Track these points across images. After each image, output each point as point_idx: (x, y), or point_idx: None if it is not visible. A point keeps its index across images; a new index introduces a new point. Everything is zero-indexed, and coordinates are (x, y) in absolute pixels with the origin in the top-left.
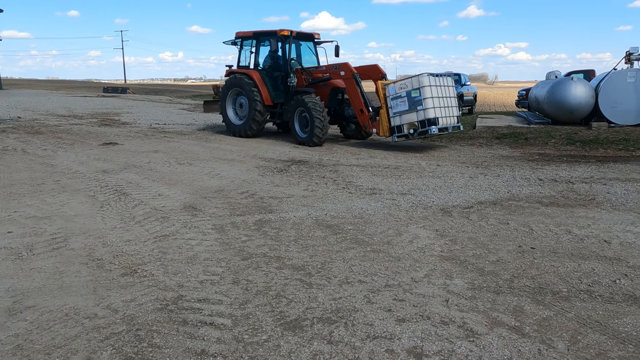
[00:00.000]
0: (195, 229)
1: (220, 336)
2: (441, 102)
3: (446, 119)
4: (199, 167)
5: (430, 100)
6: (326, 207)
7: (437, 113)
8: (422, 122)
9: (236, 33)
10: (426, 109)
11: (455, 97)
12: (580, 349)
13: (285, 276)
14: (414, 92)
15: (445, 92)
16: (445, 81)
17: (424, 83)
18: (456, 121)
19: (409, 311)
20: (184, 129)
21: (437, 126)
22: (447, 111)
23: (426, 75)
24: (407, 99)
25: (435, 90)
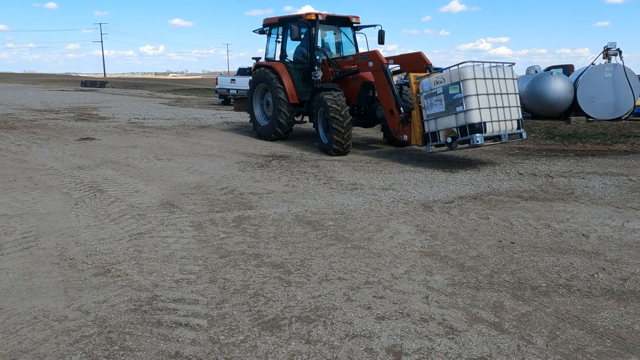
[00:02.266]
0: (173, 226)
1: (195, 337)
2: (492, 101)
3: (499, 124)
4: (178, 162)
5: (475, 98)
6: (307, 203)
7: (485, 116)
8: (463, 128)
9: (264, 20)
10: (468, 111)
11: (516, 94)
12: (559, 345)
13: (263, 274)
14: (453, 88)
15: (500, 88)
16: (500, 73)
17: (465, 76)
18: (516, 126)
19: (388, 308)
20: (164, 123)
21: (484, 134)
22: (501, 113)
23: (470, 66)
24: (444, 98)
25: (482, 85)
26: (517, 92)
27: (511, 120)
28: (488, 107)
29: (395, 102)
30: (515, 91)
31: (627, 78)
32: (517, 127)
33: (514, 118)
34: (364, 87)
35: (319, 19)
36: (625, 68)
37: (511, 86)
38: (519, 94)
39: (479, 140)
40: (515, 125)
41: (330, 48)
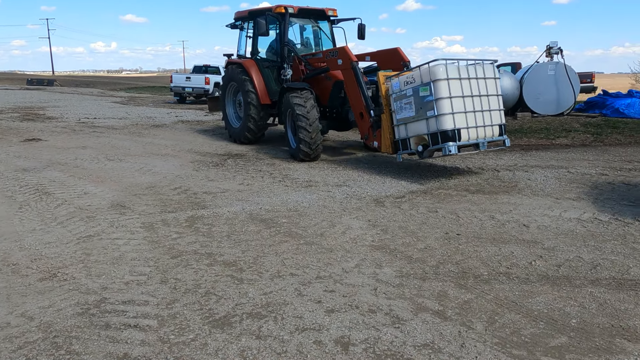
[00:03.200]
0: (123, 228)
1: (144, 338)
2: (469, 104)
3: (477, 130)
4: (130, 163)
5: (447, 102)
6: (261, 201)
7: (459, 122)
8: (434, 136)
9: (235, 13)
10: (440, 116)
11: (498, 95)
12: (497, 329)
13: (215, 273)
14: (423, 90)
15: (478, 89)
16: (479, 72)
17: (437, 76)
18: (498, 132)
19: (338, 301)
20: (116, 123)
21: (458, 142)
22: (479, 118)
23: (442, 64)
24: (414, 100)
25: (457, 86)
26: (499, 93)
27: (491, 125)
28: (464, 112)
29: (365, 105)
30: (497, 92)
31: (568, 75)
32: (499, 133)
33: (495, 123)
34: (336, 86)
35: (288, 11)
36: (566, 66)
37: (492, 87)
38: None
39: (452, 150)
40: (497, 132)
41: (307, 44)
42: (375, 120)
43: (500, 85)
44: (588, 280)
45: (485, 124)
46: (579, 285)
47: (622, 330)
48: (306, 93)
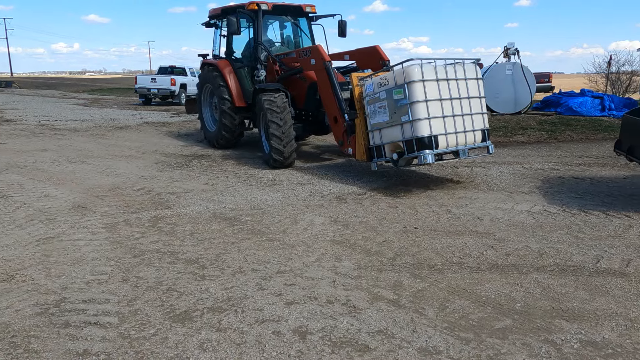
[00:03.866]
0: (84, 229)
1: (104, 335)
2: (447, 108)
3: (457, 136)
4: (92, 165)
5: (423, 106)
6: (225, 200)
7: (437, 128)
8: (410, 143)
9: (209, 11)
10: (415, 122)
11: (480, 97)
12: (447, 314)
13: (177, 270)
14: (397, 93)
15: (458, 91)
16: (459, 72)
17: (411, 77)
18: (481, 138)
19: (297, 294)
20: (78, 125)
21: (434, 150)
22: (459, 123)
23: (417, 64)
24: (388, 104)
25: (434, 88)
26: (482, 95)
27: (473, 131)
28: (441, 116)
29: (339, 108)
30: (480, 94)
31: (525, 75)
32: (482, 138)
33: (477, 128)
34: (312, 88)
35: (261, 8)
36: (522, 66)
37: (474, 88)
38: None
39: (429, 159)
40: (479, 137)
41: (287, 42)
42: (349, 125)
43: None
44: (534, 268)
45: (466, 129)
46: (525, 272)
47: (561, 312)
48: (279, 95)
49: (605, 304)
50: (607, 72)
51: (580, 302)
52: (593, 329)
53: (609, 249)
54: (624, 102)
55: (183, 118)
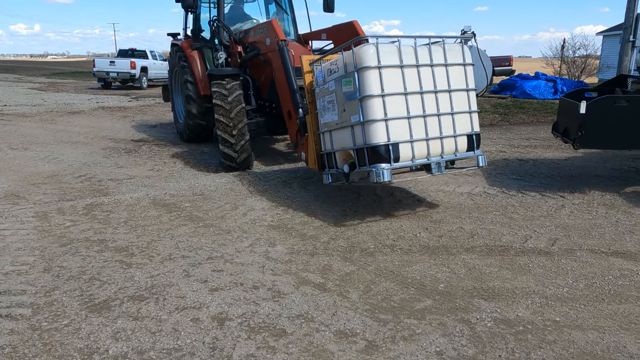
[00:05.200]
0: (13, 218)
1: (14, 327)
2: (415, 104)
3: (428, 145)
4: (35, 151)
5: (379, 102)
6: (167, 186)
7: (398, 132)
8: (361, 152)
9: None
10: (367, 124)
11: (468, 89)
12: (370, 296)
13: (104, 259)
14: (346, 83)
15: (433, 81)
16: (436, 55)
17: (363, 62)
18: (466, 146)
19: (224, 280)
20: (28, 110)
21: (393, 164)
22: (433, 126)
23: (372, 45)
24: (337, 98)
25: (396, 77)
26: (470, 86)
27: (454, 136)
28: (406, 117)
29: (292, 100)
30: (467, 85)
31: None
32: (469, 147)
33: (460, 132)
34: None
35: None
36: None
37: (458, 78)
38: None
39: (384, 176)
40: (464, 145)
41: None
42: (302, 122)
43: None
44: (463, 249)
45: (444, 133)
46: (455, 253)
47: (482, 291)
48: (231, 82)
49: (525, 282)
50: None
51: (501, 281)
52: (509, 307)
53: (539, 229)
54: (575, 85)
55: (141, 102)
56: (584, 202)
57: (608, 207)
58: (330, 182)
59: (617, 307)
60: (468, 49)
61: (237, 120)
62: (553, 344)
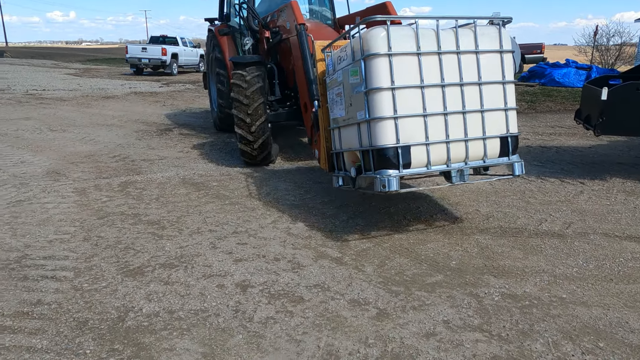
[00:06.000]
0: (55, 193)
1: (59, 287)
2: (435, 100)
3: (448, 148)
4: (73, 133)
5: (387, 96)
6: (196, 167)
7: (410, 133)
8: (367, 155)
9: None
10: (373, 122)
11: (505, 82)
12: (384, 270)
13: (138, 231)
14: (353, 74)
15: (459, 72)
16: (462, 40)
17: (371, 48)
18: (498, 151)
19: (247, 252)
20: (65, 95)
21: (402, 170)
22: (455, 126)
23: (382, 28)
24: (344, 90)
25: (411, 67)
26: (508, 78)
27: (484, 139)
28: (422, 114)
29: (308, 91)
30: (504, 77)
31: None
32: (502, 151)
33: (492, 134)
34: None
35: None
36: None
37: (493, 67)
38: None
39: (391, 185)
40: (495, 149)
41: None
42: (315, 116)
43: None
44: (478, 230)
45: (470, 135)
46: (469, 234)
47: (492, 269)
48: (252, 72)
49: (535, 262)
50: (593, 43)
51: (512, 260)
52: (517, 284)
53: (555, 213)
54: (607, 73)
55: (172, 88)
56: (604, 188)
57: (628, 194)
58: (340, 186)
59: (624, 287)
60: (507, 33)
61: (256, 117)
62: (557, 318)
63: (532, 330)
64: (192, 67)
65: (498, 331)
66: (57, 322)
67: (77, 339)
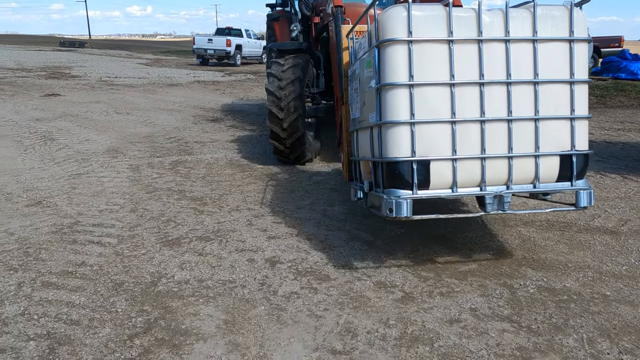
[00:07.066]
0: (111, 168)
1: (102, 251)
2: (471, 102)
3: (483, 165)
4: (135, 116)
5: (403, 95)
6: (244, 150)
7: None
8: (377, 168)
9: None
10: (385, 127)
11: (573, 82)
12: (417, 256)
13: (181, 205)
14: (368, 64)
15: (504, 66)
16: (513, 24)
17: (388, 31)
18: (556, 174)
19: (281, 231)
20: (134, 82)
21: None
22: (494, 137)
23: (402, 7)
24: (360, 85)
25: (439, 57)
26: (580, 76)
27: (535, 156)
28: (449, 120)
29: (340, 84)
30: (574, 74)
31: None
32: (561, 174)
33: (548, 151)
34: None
35: None
36: None
37: (559, 60)
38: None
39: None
40: (553, 171)
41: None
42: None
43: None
44: (522, 222)
45: (516, 151)
46: (512, 225)
47: (531, 261)
48: (291, 61)
49: (581, 257)
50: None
51: (556, 254)
52: (557, 278)
53: (611, 209)
54: None
55: (233, 78)
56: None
57: None
58: (358, 199)
59: None
60: (583, 16)
61: (289, 112)
62: (596, 315)
63: (567, 325)
64: (255, 59)
65: (528, 323)
66: (96, 282)
67: (111, 299)
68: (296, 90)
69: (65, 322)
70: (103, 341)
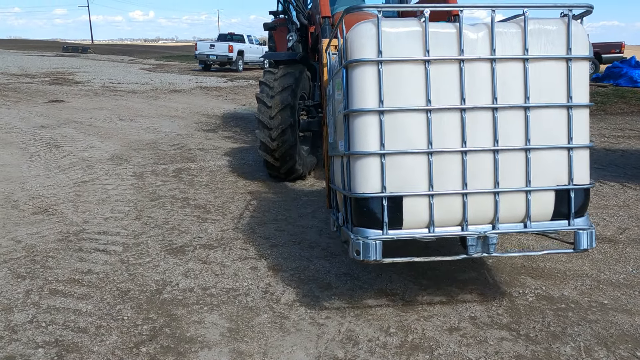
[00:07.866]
0: (116, 176)
1: (107, 259)
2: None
3: (462, 202)
4: (139, 122)
5: (372, 122)
6: (247, 157)
7: (406, 177)
8: (346, 204)
9: None
10: (353, 158)
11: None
12: (418, 265)
13: (185, 213)
14: (338, 85)
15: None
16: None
17: (355, 51)
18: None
19: (284, 238)
20: (137, 88)
21: (388, 232)
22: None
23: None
24: (332, 108)
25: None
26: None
27: (526, 191)
28: (425, 151)
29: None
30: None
31: None
32: (556, 212)
33: (541, 185)
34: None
35: None
36: None
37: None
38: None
39: (369, 252)
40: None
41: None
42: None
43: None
44: None
45: (503, 185)
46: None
47: (530, 270)
48: (284, 72)
49: (579, 266)
50: None
51: (554, 262)
52: (555, 286)
53: (610, 218)
54: None
55: (235, 83)
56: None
57: None
58: (334, 230)
59: None
60: (583, 30)
61: (279, 122)
62: (593, 323)
63: (564, 334)
64: (257, 64)
65: (527, 331)
66: (102, 290)
67: (117, 306)
68: (287, 100)
69: (72, 329)
70: (110, 349)
